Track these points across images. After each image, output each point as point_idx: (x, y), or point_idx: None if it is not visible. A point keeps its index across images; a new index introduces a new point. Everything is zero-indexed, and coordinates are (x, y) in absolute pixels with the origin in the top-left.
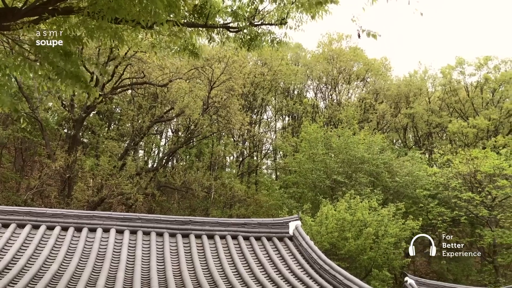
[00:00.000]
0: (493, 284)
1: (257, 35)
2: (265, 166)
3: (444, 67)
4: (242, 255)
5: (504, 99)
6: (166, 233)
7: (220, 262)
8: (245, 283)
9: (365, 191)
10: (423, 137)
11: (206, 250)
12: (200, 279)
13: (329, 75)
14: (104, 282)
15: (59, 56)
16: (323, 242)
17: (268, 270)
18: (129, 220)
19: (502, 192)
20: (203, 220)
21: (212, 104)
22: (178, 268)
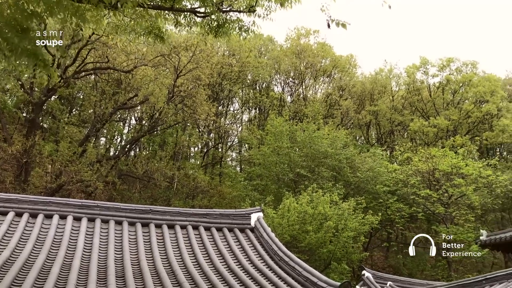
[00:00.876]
0: (445, 279)
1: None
2: (230, 158)
3: (409, 66)
4: (202, 246)
5: (464, 100)
6: (125, 222)
7: (180, 252)
8: (205, 273)
9: (327, 185)
10: (385, 135)
11: (166, 240)
12: (159, 268)
13: (297, 70)
14: (58, 270)
15: (14, 31)
16: (284, 235)
17: (228, 261)
18: (88, 208)
19: (458, 191)
20: (164, 210)
21: (178, 93)
22: (137, 257)
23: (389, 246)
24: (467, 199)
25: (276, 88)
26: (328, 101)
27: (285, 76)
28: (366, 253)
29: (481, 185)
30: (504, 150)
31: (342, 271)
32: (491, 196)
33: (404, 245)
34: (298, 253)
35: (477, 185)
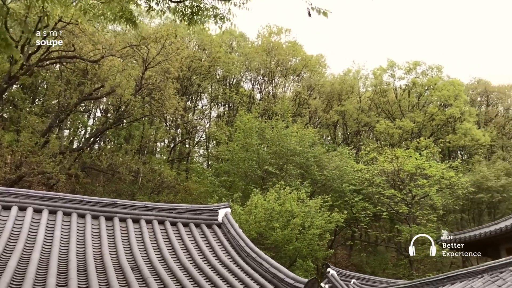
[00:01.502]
0: (407, 277)
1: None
2: (197, 154)
3: (376, 68)
4: (168, 241)
5: (429, 103)
6: (89, 215)
7: (144, 247)
8: (170, 268)
9: (294, 182)
10: (351, 135)
11: (131, 234)
12: (123, 263)
13: (267, 68)
14: (16, 263)
15: None
16: (251, 231)
17: (194, 257)
18: (49, 200)
19: (422, 191)
20: (129, 204)
21: (146, 86)
22: (100, 251)
23: (353, 244)
24: (430, 200)
25: (246, 85)
26: (297, 99)
27: (255, 73)
28: (331, 251)
29: (443, 186)
30: (465, 153)
31: (307, 268)
32: (453, 197)
33: (368, 243)
34: (265, 250)
35: (440, 186)
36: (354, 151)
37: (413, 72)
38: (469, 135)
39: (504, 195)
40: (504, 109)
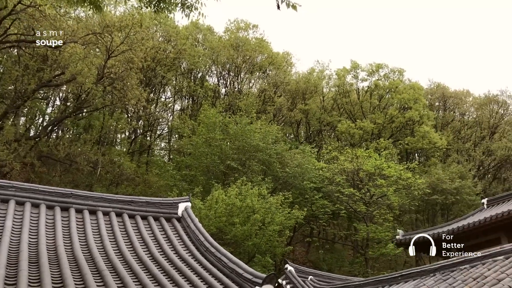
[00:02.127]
0: (362, 275)
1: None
2: (159, 147)
3: (340, 69)
4: (125, 234)
5: (389, 106)
6: (43, 205)
7: (101, 239)
8: (126, 262)
9: (256, 178)
10: (314, 133)
11: (87, 226)
12: (77, 255)
13: (234, 63)
14: None
15: None
16: (211, 226)
17: (152, 250)
18: (1, 188)
19: (380, 191)
20: (86, 194)
21: (108, 75)
22: (54, 242)
23: (311, 241)
24: (387, 199)
25: (212, 79)
26: (262, 96)
27: (221, 68)
28: (290, 247)
29: (400, 186)
30: (422, 155)
31: (266, 264)
32: (409, 198)
33: (326, 241)
34: (224, 245)
35: (397, 187)
36: (316, 150)
37: (375, 74)
38: (427, 138)
39: (457, 197)
40: (460, 114)
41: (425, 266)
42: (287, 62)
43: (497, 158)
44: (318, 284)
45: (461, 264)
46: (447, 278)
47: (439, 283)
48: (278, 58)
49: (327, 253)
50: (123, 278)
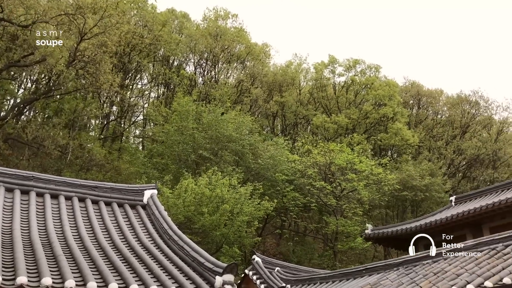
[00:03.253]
0: (330, 268)
1: None
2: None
3: (318, 63)
4: (87, 219)
5: (365, 102)
6: (2, 187)
7: (61, 224)
8: (85, 247)
9: (228, 169)
10: (289, 126)
11: (47, 210)
12: (34, 239)
13: (212, 52)
14: None
15: None
16: (179, 215)
17: (113, 237)
18: None
19: (350, 185)
20: (48, 178)
21: (80, 58)
22: (10, 226)
23: (282, 233)
24: (357, 194)
25: (189, 68)
26: (239, 87)
27: (199, 56)
28: (258, 238)
29: (371, 182)
30: (395, 152)
31: (233, 254)
32: (379, 193)
33: (296, 233)
34: (192, 235)
35: (368, 182)
36: (290, 142)
37: (352, 70)
38: (400, 135)
39: (426, 194)
40: (433, 112)
41: (389, 260)
42: (265, 54)
43: (467, 157)
44: (284, 276)
45: (424, 259)
46: (410, 272)
47: (401, 277)
48: (257, 49)
49: (297, 245)
50: (80, 264)
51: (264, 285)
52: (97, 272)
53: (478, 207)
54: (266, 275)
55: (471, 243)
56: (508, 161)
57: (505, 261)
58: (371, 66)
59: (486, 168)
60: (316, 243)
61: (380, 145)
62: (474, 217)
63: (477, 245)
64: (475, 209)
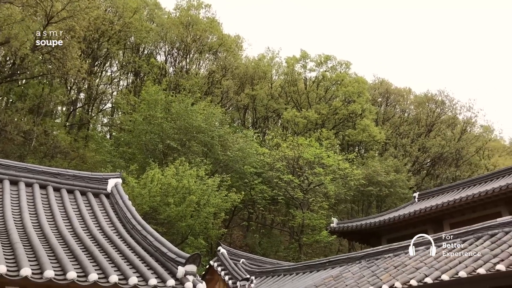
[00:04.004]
0: (295, 260)
1: None
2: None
3: (289, 57)
4: (48, 206)
5: (335, 97)
6: None
7: (20, 211)
8: (45, 235)
9: (196, 160)
10: (260, 120)
11: (6, 197)
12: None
13: (183, 42)
14: None
15: None
16: (144, 205)
17: (74, 225)
18: None
19: (318, 179)
20: (8, 164)
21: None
22: None
23: (249, 225)
24: (324, 188)
25: (159, 57)
26: (210, 78)
27: (170, 46)
28: (224, 230)
29: (338, 176)
30: (362, 148)
31: (199, 246)
32: (345, 188)
33: (263, 225)
34: (157, 225)
35: (335, 176)
36: (260, 136)
37: (323, 65)
38: (367, 131)
39: (391, 190)
40: (400, 110)
41: (352, 253)
42: (237, 46)
43: (431, 155)
44: (249, 267)
45: (385, 252)
46: (371, 265)
47: (363, 270)
48: (229, 40)
49: (263, 237)
50: (37, 251)
51: (228, 276)
52: (55, 260)
53: (440, 204)
54: (231, 267)
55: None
56: (470, 159)
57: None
58: (342, 63)
59: (449, 166)
60: (283, 235)
61: (348, 140)
62: (436, 213)
63: (437, 240)
64: (437, 206)
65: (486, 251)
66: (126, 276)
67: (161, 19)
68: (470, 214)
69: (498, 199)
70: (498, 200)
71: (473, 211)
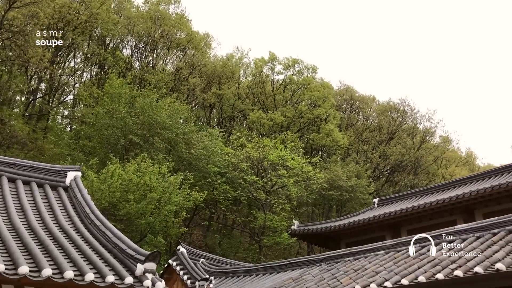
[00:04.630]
0: (255, 262)
1: None
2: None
3: (258, 59)
4: (1, 198)
5: (300, 101)
6: None
7: None
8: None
9: (158, 156)
10: (226, 119)
11: None
12: None
13: (151, 36)
14: None
15: None
16: (103, 200)
17: (29, 218)
18: None
19: (281, 181)
20: None
21: (8, 27)
22: None
23: (210, 225)
24: (287, 190)
25: (126, 51)
26: (177, 75)
27: (137, 39)
28: (184, 229)
29: (301, 179)
30: (325, 152)
31: (158, 244)
32: (307, 191)
33: (224, 226)
34: (115, 222)
35: (298, 179)
36: (226, 135)
37: (291, 69)
38: (331, 136)
39: (351, 195)
40: (364, 117)
41: (312, 256)
42: (206, 44)
43: (391, 162)
44: (209, 267)
45: (345, 256)
46: (331, 268)
47: (323, 272)
48: (198, 38)
49: (224, 238)
50: None
51: (187, 276)
52: (6, 254)
53: (398, 210)
54: (190, 266)
55: (390, 243)
56: (428, 168)
57: (420, 260)
58: (309, 67)
59: (408, 174)
60: (243, 236)
61: (312, 144)
62: (394, 219)
63: (396, 245)
64: (395, 212)
65: (444, 257)
66: (82, 272)
67: (129, 12)
68: (427, 221)
69: (454, 208)
70: (454, 208)
71: (430, 218)
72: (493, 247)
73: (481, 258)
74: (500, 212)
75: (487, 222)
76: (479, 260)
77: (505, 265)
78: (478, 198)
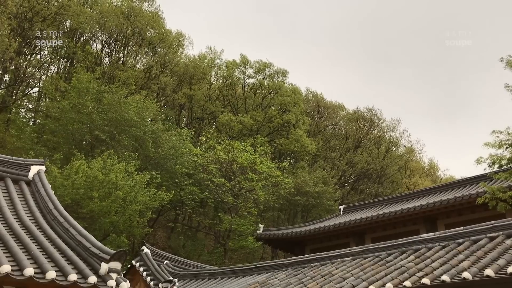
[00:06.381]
0: (219, 265)
1: None
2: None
3: (230, 61)
4: None
5: (271, 106)
6: None
7: None
8: None
9: (125, 154)
10: (195, 120)
11: None
12: None
13: (122, 32)
14: None
15: None
16: (66, 197)
17: None
18: None
19: (249, 184)
20: None
21: None
22: None
23: (174, 227)
24: (254, 194)
25: (96, 46)
26: (148, 73)
27: (108, 35)
28: (149, 229)
29: (269, 183)
30: (293, 157)
31: (121, 244)
32: (275, 196)
33: (189, 228)
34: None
35: (266, 183)
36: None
37: (262, 72)
38: (300, 142)
39: (318, 201)
40: (332, 124)
41: (279, 261)
42: (178, 43)
43: (357, 170)
44: (173, 269)
45: (312, 261)
46: (298, 273)
47: (290, 277)
48: (170, 37)
49: (188, 240)
50: None
51: (150, 277)
52: None
53: (364, 218)
54: (153, 267)
55: (357, 249)
56: (393, 178)
57: (388, 268)
58: (279, 71)
59: (373, 182)
60: (208, 239)
61: (280, 149)
62: (360, 226)
63: (363, 252)
64: (361, 219)
65: (411, 265)
66: (43, 269)
67: (102, 7)
68: (391, 229)
69: (417, 217)
70: (418, 218)
71: (394, 227)
72: (459, 256)
73: (448, 266)
74: (462, 223)
75: (452, 232)
76: (445, 268)
77: (471, 274)
78: (441, 209)
